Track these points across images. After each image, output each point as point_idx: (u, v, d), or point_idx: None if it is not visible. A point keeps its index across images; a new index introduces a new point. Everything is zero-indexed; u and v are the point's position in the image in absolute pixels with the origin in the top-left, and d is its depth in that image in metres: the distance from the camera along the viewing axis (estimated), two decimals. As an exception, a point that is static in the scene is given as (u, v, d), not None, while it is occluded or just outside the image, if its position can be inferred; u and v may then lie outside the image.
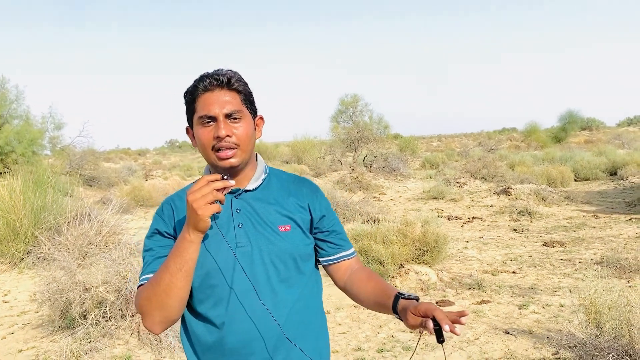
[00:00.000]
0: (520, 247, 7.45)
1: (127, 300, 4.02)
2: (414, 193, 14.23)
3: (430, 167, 21.55)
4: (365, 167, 18.48)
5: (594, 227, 8.64)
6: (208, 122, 1.35)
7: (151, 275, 1.34)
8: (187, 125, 1.45)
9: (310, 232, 1.48)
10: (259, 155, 1.52)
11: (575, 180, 14.40)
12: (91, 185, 16.93)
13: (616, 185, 13.12)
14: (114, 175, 19.21)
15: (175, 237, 1.40)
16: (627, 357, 3.04)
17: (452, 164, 20.47)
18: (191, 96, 1.38)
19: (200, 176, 1.51)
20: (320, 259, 1.54)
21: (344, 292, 1.55)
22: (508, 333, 4.24)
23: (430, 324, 1.17)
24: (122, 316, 4.09)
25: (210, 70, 1.39)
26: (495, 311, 4.78)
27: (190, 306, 1.40)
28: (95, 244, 5.74)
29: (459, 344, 4.08)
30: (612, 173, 14.78)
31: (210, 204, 1.21)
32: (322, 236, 1.51)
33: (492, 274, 6.01)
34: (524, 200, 11.01)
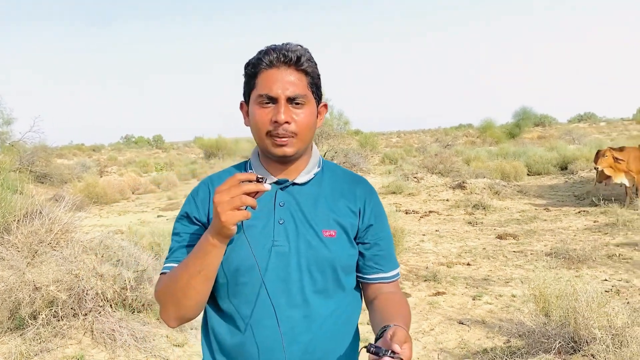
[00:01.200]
0: (475, 240, 7.64)
1: (80, 298, 3.92)
2: (373, 188, 14.37)
3: (389, 163, 21.77)
4: (326, 162, 18.50)
5: (545, 220, 8.93)
6: (267, 103, 1.21)
7: (175, 264, 1.23)
8: (243, 99, 1.31)
9: (355, 240, 1.31)
10: (314, 146, 1.35)
11: (528, 174, 14.83)
12: (43, 182, 16.40)
13: (566, 180, 13.57)
14: (67, 172, 18.63)
15: (204, 225, 1.27)
16: (572, 343, 3.17)
17: (410, 159, 20.76)
18: (253, 69, 1.23)
19: (244, 161, 1.39)
20: (356, 273, 1.35)
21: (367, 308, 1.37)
22: (462, 323, 4.34)
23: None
24: (74, 315, 3.98)
25: (279, 44, 1.24)
26: (450, 302, 4.89)
27: (214, 301, 1.28)
28: (47, 242, 5.57)
29: (415, 335, 4.16)
30: (563, 168, 15.27)
31: (237, 209, 1.06)
32: (362, 248, 1.31)
33: (448, 266, 6.14)
34: (478, 194, 11.28)
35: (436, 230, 8.50)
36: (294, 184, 1.29)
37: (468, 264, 6.23)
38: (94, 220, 10.66)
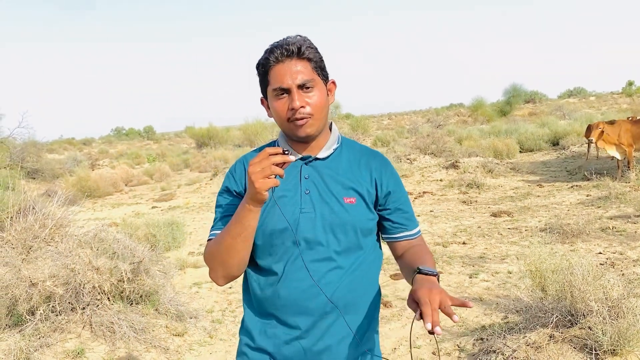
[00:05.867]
0: (470, 219, 7.66)
1: (77, 292, 3.91)
2: (366, 171, 14.37)
3: (381, 145, 21.75)
4: (318, 147, 18.44)
5: (538, 196, 8.98)
6: (282, 94, 1.38)
7: (219, 231, 1.43)
8: (262, 96, 1.48)
9: (375, 208, 1.49)
10: (333, 124, 1.53)
11: (520, 151, 14.85)
12: (34, 178, 16.29)
13: (558, 155, 13.62)
14: (59, 167, 18.52)
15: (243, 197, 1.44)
16: (569, 317, 3.19)
17: (402, 141, 20.72)
18: (263, 69, 1.40)
19: (274, 140, 1.58)
20: (383, 236, 1.56)
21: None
22: (459, 301, 4.37)
23: (418, 315, 1.16)
24: (72, 309, 3.98)
25: (280, 39, 1.40)
26: (447, 281, 4.92)
27: (253, 261, 1.48)
28: (41, 237, 5.54)
29: (413, 315, 4.18)
30: (555, 143, 15.30)
31: (268, 177, 1.23)
32: (386, 213, 1.51)
33: (443, 246, 6.16)
34: (471, 173, 11.29)
35: (431, 211, 8.53)
36: (317, 159, 1.47)
37: (464, 243, 6.26)
38: (88, 214, 10.63)
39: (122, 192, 14.90)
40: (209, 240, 1.46)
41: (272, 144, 1.55)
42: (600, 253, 5.33)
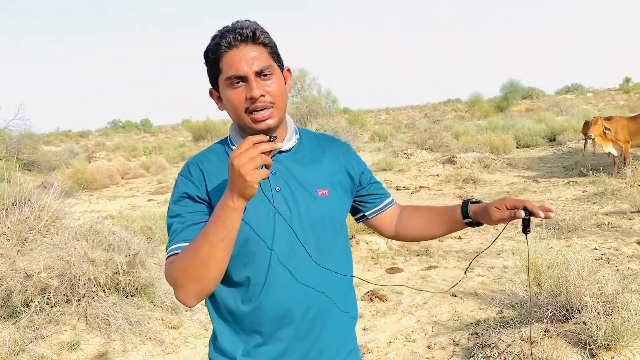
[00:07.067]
0: (466, 214, 7.67)
1: (72, 284, 3.90)
2: (363, 165, 14.36)
3: (379, 140, 21.74)
4: (315, 141, 18.39)
5: (534, 192, 8.99)
6: (237, 83, 1.24)
7: (183, 244, 1.23)
8: (210, 87, 1.34)
9: (350, 193, 1.45)
10: (287, 115, 1.40)
11: (517, 147, 14.86)
12: (30, 170, 16.25)
13: (555, 151, 13.64)
14: (55, 159, 18.47)
15: (207, 202, 1.29)
16: (564, 312, 3.20)
17: (399, 136, 20.72)
18: (214, 56, 1.25)
19: (226, 138, 1.41)
20: (367, 213, 1.52)
21: (397, 238, 1.57)
22: (455, 296, 4.38)
23: (522, 213, 1.24)
24: (67, 301, 3.97)
25: (229, 24, 1.26)
26: (442, 276, 4.93)
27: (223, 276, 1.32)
28: (37, 229, 5.53)
29: (409, 309, 4.19)
30: (551, 139, 15.32)
31: (257, 168, 1.10)
32: (365, 191, 1.49)
33: (439, 241, 6.17)
34: (468, 168, 11.31)
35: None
36: (280, 152, 1.34)
37: (459, 238, 6.27)
38: (84, 207, 10.61)
39: (118, 184, 14.87)
40: (169, 256, 1.25)
41: (223, 142, 1.40)
42: (595, 249, 5.34)
